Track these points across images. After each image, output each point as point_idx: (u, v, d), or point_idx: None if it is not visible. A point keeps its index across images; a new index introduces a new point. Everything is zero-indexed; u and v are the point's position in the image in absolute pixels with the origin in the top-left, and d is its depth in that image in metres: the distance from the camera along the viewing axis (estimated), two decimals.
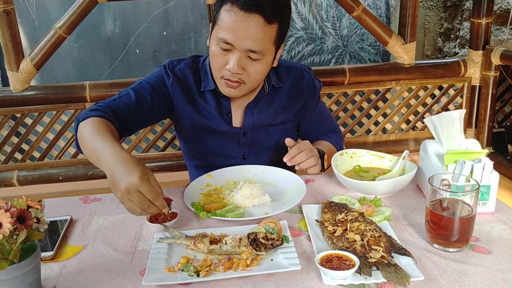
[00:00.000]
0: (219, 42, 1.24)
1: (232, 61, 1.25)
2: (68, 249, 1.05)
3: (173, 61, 1.44)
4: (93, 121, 1.15)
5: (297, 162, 1.30)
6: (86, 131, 1.13)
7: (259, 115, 1.45)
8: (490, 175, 1.08)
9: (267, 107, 1.46)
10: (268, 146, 1.49)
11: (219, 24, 1.24)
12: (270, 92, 1.45)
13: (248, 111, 1.44)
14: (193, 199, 1.19)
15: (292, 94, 1.48)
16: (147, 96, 1.36)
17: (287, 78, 1.48)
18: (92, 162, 1.10)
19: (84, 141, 1.13)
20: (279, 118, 1.48)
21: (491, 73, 2.70)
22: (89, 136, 1.10)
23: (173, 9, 3.37)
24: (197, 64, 1.45)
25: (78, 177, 2.56)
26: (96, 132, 1.10)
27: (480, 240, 1.00)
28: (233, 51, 1.25)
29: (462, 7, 3.57)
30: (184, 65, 1.43)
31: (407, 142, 2.89)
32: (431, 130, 1.22)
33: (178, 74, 1.42)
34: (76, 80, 2.86)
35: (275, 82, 1.45)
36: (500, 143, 2.99)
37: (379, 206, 1.15)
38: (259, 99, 1.44)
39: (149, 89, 1.38)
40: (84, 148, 1.14)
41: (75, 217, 1.19)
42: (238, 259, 0.93)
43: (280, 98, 1.47)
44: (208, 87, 1.40)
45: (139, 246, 1.04)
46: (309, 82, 1.51)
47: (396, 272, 0.87)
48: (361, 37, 3.61)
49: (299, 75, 1.50)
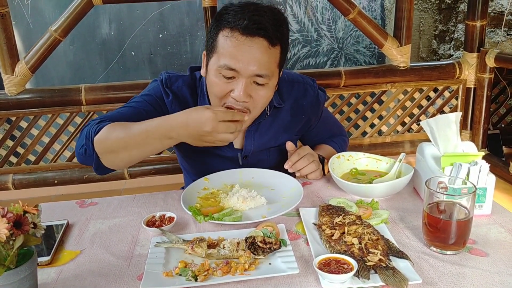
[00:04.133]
0: (221, 70, 1.18)
1: (238, 88, 1.18)
2: (65, 254, 1.04)
3: (171, 77, 1.35)
4: (110, 126, 1.14)
5: (298, 169, 1.30)
6: (112, 134, 1.12)
7: (260, 139, 1.39)
8: (487, 178, 1.09)
9: (268, 129, 1.39)
10: (269, 166, 1.42)
11: (219, 52, 1.18)
12: (271, 113, 1.38)
13: (249, 135, 1.38)
14: (190, 203, 1.19)
15: (294, 113, 1.42)
16: (144, 114, 1.27)
17: (289, 95, 1.41)
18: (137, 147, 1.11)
19: (120, 140, 1.11)
20: (281, 139, 1.41)
21: (486, 75, 2.72)
22: (120, 132, 1.11)
23: (168, 11, 3.37)
24: (195, 81, 1.38)
25: (74, 181, 2.55)
26: (124, 126, 1.13)
27: (477, 242, 1.00)
28: (237, 78, 1.18)
29: (456, 9, 3.59)
30: (182, 83, 1.35)
31: (402, 144, 2.90)
32: (428, 132, 1.22)
33: (177, 93, 1.34)
34: (72, 83, 2.86)
35: (277, 103, 1.37)
36: (495, 144, 3.01)
37: (376, 209, 1.15)
38: (260, 122, 1.37)
39: (146, 106, 1.30)
40: (117, 146, 1.12)
41: (71, 221, 1.18)
42: (236, 263, 0.93)
43: (282, 119, 1.41)
44: None
45: (136, 250, 1.03)
46: (312, 98, 1.44)
47: (394, 275, 0.87)
48: (356, 40, 3.62)
49: (302, 91, 1.42)
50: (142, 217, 1.14)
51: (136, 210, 1.22)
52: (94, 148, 1.14)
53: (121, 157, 1.14)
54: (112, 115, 1.24)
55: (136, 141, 1.10)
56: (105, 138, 1.12)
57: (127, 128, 1.12)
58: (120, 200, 1.29)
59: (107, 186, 2.65)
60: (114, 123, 1.16)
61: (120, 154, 1.13)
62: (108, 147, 1.13)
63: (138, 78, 3.41)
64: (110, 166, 1.19)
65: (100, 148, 1.14)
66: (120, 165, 1.20)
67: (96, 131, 1.14)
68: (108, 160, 1.16)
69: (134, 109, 1.28)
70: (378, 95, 2.77)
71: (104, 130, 1.13)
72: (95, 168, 1.19)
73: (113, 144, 1.13)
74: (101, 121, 1.19)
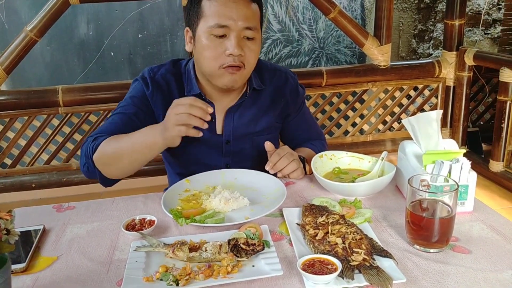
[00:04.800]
0: (212, 30, 1.25)
1: (231, 44, 1.25)
2: (41, 261, 1.01)
3: (153, 68, 1.40)
4: (106, 141, 1.22)
5: (279, 169, 1.30)
6: (107, 150, 1.20)
7: (239, 120, 1.42)
8: (468, 175, 1.09)
9: (248, 110, 1.43)
10: (252, 156, 1.46)
11: (206, 16, 1.25)
12: (251, 95, 1.42)
13: (228, 116, 1.41)
14: (171, 205, 1.16)
15: (274, 97, 1.47)
16: (134, 118, 1.33)
17: (271, 81, 1.46)
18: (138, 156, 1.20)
19: (113, 153, 1.20)
20: (261, 123, 1.45)
21: (465, 74, 2.76)
22: (117, 145, 1.20)
23: (148, 11, 3.33)
24: (179, 69, 1.42)
25: (52, 184, 2.50)
26: (118, 139, 1.21)
27: (460, 240, 1.01)
28: (229, 35, 1.25)
29: (435, 8, 3.64)
30: (165, 71, 1.40)
31: (384, 142, 2.92)
32: (409, 130, 1.22)
33: (159, 81, 1.37)
34: (49, 84, 2.79)
35: (257, 85, 1.42)
36: (475, 142, 3.06)
37: (360, 208, 1.15)
38: (240, 103, 1.41)
39: (133, 109, 1.34)
40: (119, 158, 1.21)
41: (48, 226, 1.15)
42: (218, 266, 0.91)
43: (262, 102, 1.45)
44: (193, 91, 1.37)
45: (116, 255, 1.00)
46: (292, 86, 1.50)
47: (378, 274, 0.87)
48: (337, 39, 3.63)
49: (283, 78, 1.48)
50: (121, 220, 1.10)
51: (115, 213, 1.19)
52: (95, 165, 1.23)
53: (121, 168, 1.24)
54: (106, 128, 1.30)
55: (128, 153, 1.19)
56: (102, 155, 1.21)
57: (119, 142, 1.20)
58: (98, 203, 1.25)
59: (87, 189, 2.59)
60: (108, 139, 1.23)
61: (119, 166, 1.23)
62: (106, 162, 1.22)
63: (118, 78, 3.35)
64: (114, 177, 1.29)
65: (99, 164, 1.23)
66: (121, 175, 1.28)
67: (94, 149, 1.22)
68: (110, 173, 1.26)
69: (123, 116, 1.34)
70: (360, 94, 2.79)
71: (100, 147, 1.21)
72: (101, 182, 1.30)
73: (110, 159, 1.22)
74: (97, 137, 1.25)
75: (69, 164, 2.54)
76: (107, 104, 2.43)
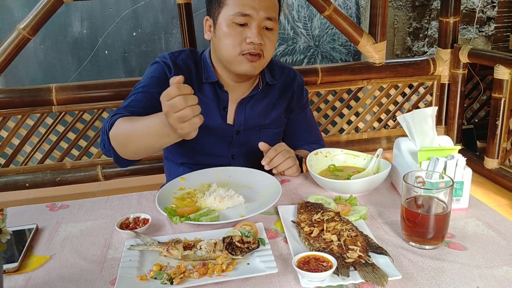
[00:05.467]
0: (234, 18, 1.28)
1: (252, 32, 1.28)
2: (34, 260, 1.00)
3: (174, 53, 1.42)
4: (122, 119, 1.18)
5: (275, 165, 1.30)
6: (121, 129, 1.16)
7: (251, 111, 1.45)
8: (463, 172, 1.09)
9: (260, 103, 1.47)
10: (257, 148, 1.43)
11: (228, 4, 1.28)
12: (263, 89, 1.46)
13: (241, 107, 1.44)
14: (166, 204, 1.15)
15: (283, 91, 1.51)
16: (157, 97, 1.20)
17: (280, 77, 1.51)
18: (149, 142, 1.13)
19: (126, 135, 1.15)
20: (271, 116, 1.48)
21: (459, 71, 2.76)
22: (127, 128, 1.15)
23: (142, 9, 3.31)
24: (196, 56, 1.45)
25: (46, 183, 2.48)
26: (132, 121, 1.16)
27: (455, 236, 1.00)
28: (250, 24, 1.28)
29: (430, 6, 3.64)
30: (185, 56, 1.42)
31: (379, 140, 2.93)
32: (404, 127, 1.22)
33: (181, 65, 1.39)
34: (43, 83, 2.77)
35: (269, 79, 1.46)
36: (470, 139, 3.07)
37: (355, 205, 1.14)
38: (253, 95, 1.45)
39: (156, 89, 1.31)
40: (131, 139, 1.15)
41: (41, 225, 1.14)
42: (213, 264, 0.90)
43: (272, 96, 1.49)
44: (210, 79, 1.40)
45: (109, 254, 0.99)
46: (299, 83, 1.55)
47: (373, 271, 0.86)
48: (332, 37, 3.63)
49: (292, 75, 1.54)
50: (115, 219, 1.10)
51: (109, 212, 1.18)
52: (110, 143, 1.19)
53: (133, 151, 1.19)
54: (128, 105, 1.28)
55: (139, 137, 1.14)
56: (116, 133, 1.17)
57: (133, 124, 1.15)
58: (92, 202, 1.24)
59: (81, 188, 2.58)
60: (124, 117, 1.19)
61: (131, 148, 1.18)
62: (120, 142, 1.18)
63: (112, 77, 3.34)
64: (128, 158, 1.23)
65: (114, 143, 1.19)
66: (135, 157, 1.23)
67: (110, 126, 1.19)
68: (124, 153, 1.21)
69: (147, 94, 1.32)
70: (355, 92, 2.79)
71: (116, 124, 1.18)
72: (115, 160, 1.24)
73: (123, 139, 1.17)
74: (116, 113, 1.23)
75: (63, 163, 2.52)
76: (101, 102, 2.42)
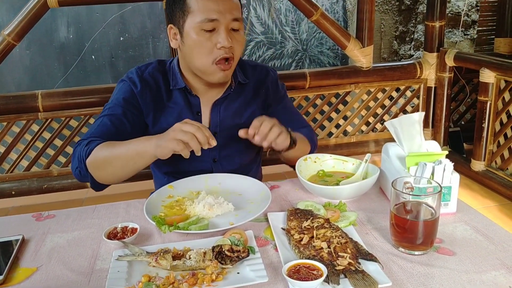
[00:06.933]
0: (202, 25, 1.27)
1: (222, 36, 1.28)
2: (19, 272, 0.98)
3: (141, 67, 1.43)
4: (100, 146, 1.23)
5: (264, 134, 1.22)
6: (102, 153, 1.22)
7: (225, 112, 1.44)
8: (451, 176, 1.10)
9: (233, 103, 1.46)
10: (238, 149, 1.46)
11: (193, 11, 1.27)
12: (236, 89, 1.46)
13: (215, 109, 1.44)
14: (154, 212, 1.14)
15: (257, 89, 1.50)
16: (123, 119, 1.34)
17: (253, 75, 1.51)
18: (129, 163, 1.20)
19: (106, 159, 1.21)
20: (246, 115, 1.47)
21: (445, 74, 2.79)
22: (111, 151, 1.21)
23: (129, 14, 3.29)
24: (164, 67, 1.45)
25: (32, 191, 2.45)
26: (112, 145, 1.23)
27: (444, 241, 1.01)
28: (218, 28, 1.28)
29: (416, 10, 3.68)
30: (152, 69, 1.43)
31: (367, 143, 2.94)
32: (392, 133, 1.23)
33: (148, 79, 1.40)
34: (29, 89, 2.74)
35: (242, 79, 1.46)
36: (456, 142, 3.10)
37: (344, 211, 1.14)
38: (226, 96, 1.44)
39: (121, 110, 1.35)
40: (111, 163, 1.22)
41: (27, 236, 1.12)
42: (203, 274, 0.89)
43: (246, 95, 1.48)
44: (178, 85, 1.40)
45: (97, 265, 0.98)
46: (273, 78, 1.54)
47: (363, 279, 0.86)
48: (320, 41, 3.65)
49: (264, 72, 1.53)
50: (103, 229, 1.08)
51: (96, 222, 1.17)
52: (87, 170, 1.24)
53: (112, 174, 1.24)
54: (97, 131, 1.31)
55: (120, 159, 1.21)
56: (95, 159, 1.22)
57: (113, 148, 1.22)
58: (79, 211, 1.22)
59: (68, 196, 2.55)
60: (102, 144, 1.24)
61: (111, 171, 1.24)
62: (99, 167, 1.23)
63: (99, 82, 3.31)
64: (105, 182, 1.30)
65: (92, 169, 1.24)
66: (113, 181, 1.29)
67: (87, 153, 1.23)
68: (102, 178, 1.26)
69: (113, 117, 1.34)
70: (343, 96, 2.80)
71: (94, 152, 1.22)
72: (92, 186, 1.30)
73: (103, 164, 1.22)
74: (90, 141, 1.26)
75: (50, 171, 2.49)
76: (88, 108, 2.39)
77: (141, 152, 1.18)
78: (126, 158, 1.20)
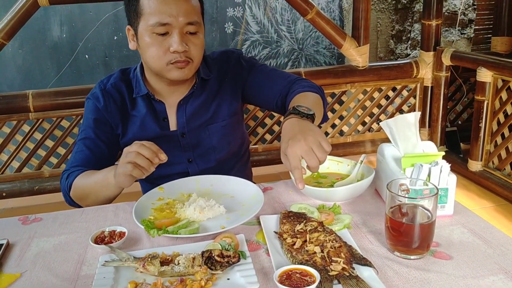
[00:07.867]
0: (154, 29, 1.23)
1: (174, 41, 1.23)
2: (2, 278, 0.94)
3: (103, 80, 1.43)
4: (77, 179, 1.29)
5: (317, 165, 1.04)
6: (78, 186, 1.29)
7: (190, 110, 1.41)
8: (448, 178, 1.07)
9: (197, 99, 1.41)
10: (211, 146, 1.43)
11: (145, 14, 1.23)
12: (200, 86, 1.41)
13: (180, 109, 1.40)
14: (144, 216, 1.11)
15: (221, 79, 1.44)
16: (97, 141, 1.37)
17: (214, 66, 1.45)
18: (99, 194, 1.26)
19: (83, 191, 1.29)
20: (212, 109, 1.42)
21: (442, 74, 2.77)
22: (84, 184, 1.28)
23: (123, 13, 3.23)
24: (128, 76, 1.43)
25: (24, 193, 2.41)
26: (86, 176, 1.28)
27: (441, 245, 0.98)
28: (171, 32, 1.24)
29: (412, 9, 3.66)
30: (114, 80, 1.41)
31: (363, 143, 2.91)
32: (387, 133, 1.20)
33: (111, 91, 1.39)
34: (22, 89, 2.70)
35: (205, 74, 1.41)
36: (453, 142, 3.08)
37: (339, 214, 1.11)
38: (190, 95, 1.40)
39: (92, 132, 1.37)
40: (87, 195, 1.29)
41: (12, 240, 1.08)
42: (191, 280, 0.86)
43: (211, 89, 1.43)
44: (141, 92, 1.37)
45: (83, 271, 0.95)
46: (235, 60, 1.46)
47: (357, 285, 0.83)
48: (316, 40, 3.62)
49: (224, 58, 1.47)
50: (90, 233, 1.05)
51: (84, 225, 1.14)
52: (73, 201, 1.33)
53: (95, 202, 1.28)
54: (75, 159, 1.36)
55: (91, 191, 1.26)
56: (74, 193, 1.30)
57: (85, 180, 1.28)
58: (66, 215, 1.19)
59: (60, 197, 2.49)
60: (78, 176, 1.29)
61: (90, 202, 1.28)
62: (81, 198, 1.31)
63: (93, 82, 3.24)
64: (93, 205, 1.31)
65: (76, 200, 1.32)
66: (100, 204, 1.29)
67: (69, 188, 1.30)
68: (88, 205, 1.29)
69: (86, 141, 1.37)
70: (338, 95, 2.77)
71: (73, 186, 1.29)
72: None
73: (82, 196, 1.30)
74: (70, 173, 1.32)
75: (41, 172, 2.45)
76: (79, 108, 2.36)
77: (105, 184, 1.21)
78: (96, 191, 1.25)
